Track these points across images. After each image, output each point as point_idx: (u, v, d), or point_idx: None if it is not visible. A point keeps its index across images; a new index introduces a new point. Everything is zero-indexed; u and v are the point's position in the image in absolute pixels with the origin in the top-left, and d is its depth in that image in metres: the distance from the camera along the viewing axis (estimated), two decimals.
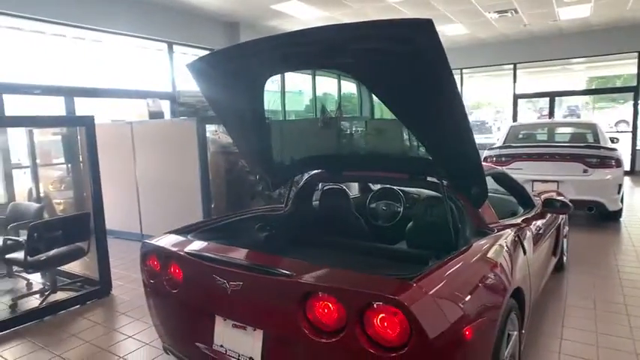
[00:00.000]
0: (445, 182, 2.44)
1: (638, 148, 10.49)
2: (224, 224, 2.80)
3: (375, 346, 1.59)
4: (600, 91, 15.88)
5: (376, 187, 4.04)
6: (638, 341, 3.01)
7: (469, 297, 1.78)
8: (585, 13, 8.44)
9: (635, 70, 10.33)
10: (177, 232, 2.55)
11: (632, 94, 10.49)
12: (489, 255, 2.13)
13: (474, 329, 1.70)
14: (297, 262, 1.92)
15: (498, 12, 8.22)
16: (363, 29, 1.78)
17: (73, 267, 4.34)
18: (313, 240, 2.91)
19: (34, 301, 3.93)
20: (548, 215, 3.47)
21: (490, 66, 12.07)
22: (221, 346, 2.03)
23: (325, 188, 3.24)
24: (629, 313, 3.45)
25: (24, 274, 4.29)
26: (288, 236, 2.92)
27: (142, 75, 7.45)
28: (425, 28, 1.61)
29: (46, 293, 3.92)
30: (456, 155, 2.14)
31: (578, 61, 12.17)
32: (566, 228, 4.45)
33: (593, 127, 6.56)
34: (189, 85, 6.07)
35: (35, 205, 4.53)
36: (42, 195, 5.38)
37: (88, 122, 3.83)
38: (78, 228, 3.90)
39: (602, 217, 6.13)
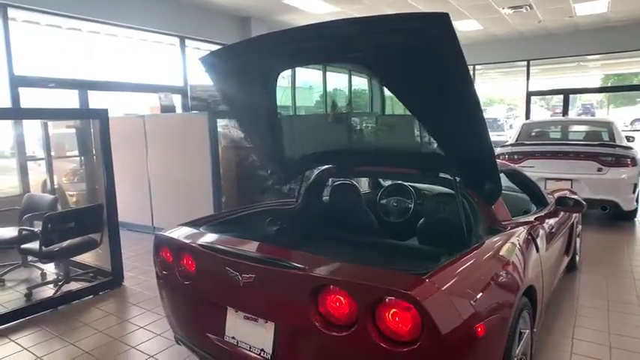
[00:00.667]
0: (458, 178, 2.43)
1: None
2: (236, 217, 2.81)
3: (387, 340, 1.59)
4: (617, 88, 15.60)
5: (387, 183, 4.03)
6: None
7: (481, 294, 1.77)
8: (602, 8, 8.28)
9: None
10: (189, 224, 2.57)
11: None
12: (502, 252, 2.11)
13: (486, 326, 1.69)
14: (309, 255, 1.93)
15: (513, 7, 8.10)
16: (379, 23, 1.77)
17: (85, 258, 4.41)
18: (324, 235, 2.91)
19: (48, 291, 4.00)
20: (561, 214, 3.42)
21: (503, 62, 11.91)
22: (232, 337, 2.04)
23: (336, 183, 3.24)
24: None
25: (38, 264, 4.38)
26: (299, 231, 2.93)
27: (155, 69, 7.51)
28: (441, 22, 1.60)
29: (60, 283, 3.98)
30: (470, 151, 2.12)
31: (593, 58, 11.96)
32: (580, 227, 4.39)
33: (608, 126, 6.45)
34: (201, 80, 6.10)
35: (49, 197, 4.60)
36: (55, 187, 5.47)
37: (102, 115, 3.87)
38: (91, 220, 3.95)
39: (616, 217, 6.04)
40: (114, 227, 4.05)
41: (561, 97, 11.35)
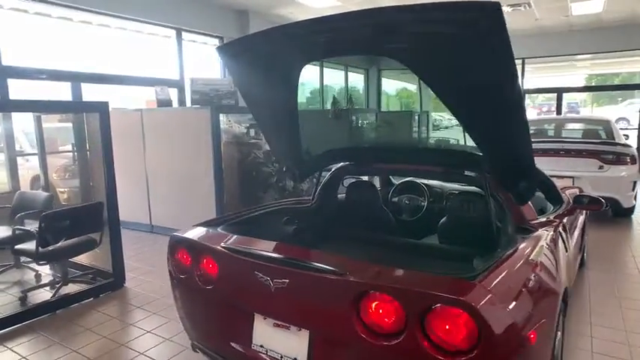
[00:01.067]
0: (489, 176, 2.35)
1: None
2: (252, 217, 2.69)
3: (438, 350, 1.49)
4: (609, 87, 15.89)
5: (398, 180, 3.94)
6: None
7: (531, 298, 1.69)
8: (598, 8, 8.34)
9: None
10: (205, 224, 2.44)
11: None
12: (543, 254, 2.04)
13: (538, 332, 1.62)
14: (349, 259, 1.82)
15: (512, 5, 8.08)
16: (424, 11, 1.66)
17: (82, 258, 4.22)
18: (348, 234, 2.82)
19: (44, 294, 3.81)
20: (577, 211, 3.39)
21: None
22: (261, 346, 1.93)
23: (354, 181, 3.15)
24: None
25: (32, 265, 4.17)
26: (320, 230, 2.82)
27: (149, 62, 7.26)
28: (492, 11, 1.50)
29: (57, 285, 3.79)
30: (510, 149, 2.03)
31: (583, 58, 12.07)
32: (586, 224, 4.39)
33: (607, 124, 6.50)
34: (203, 73, 5.95)
35: (44, 194, 4.39)
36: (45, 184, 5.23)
37: (102, 108, 3.69)
38: (91, 218, 3.77)
39: (615, 214, 6.08)
40: (115, 226, 3.88)
41: (547, 95, 11.42)
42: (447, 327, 1.48)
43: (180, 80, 7.49)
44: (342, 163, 3.11)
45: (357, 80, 12.65)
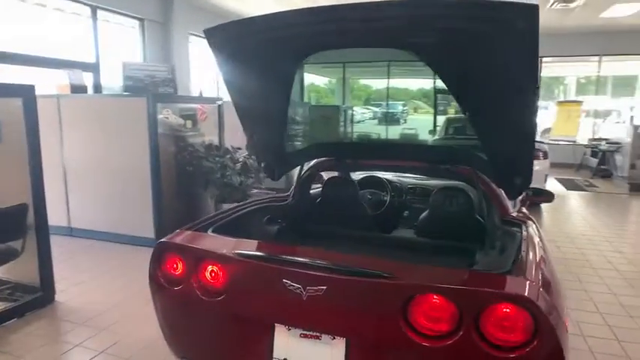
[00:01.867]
0: (479, 171, 2.41)
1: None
2: (239, 217, 2.45)
3: (494, 347, 1.49)
4: None
5: (357, 175, 3.93)
6: (606, 314, 3.38)
7: (557, 288, 1.77)
8: None
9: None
10: (192, 228, 2.16)
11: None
12: (545, 245, 2.15)
13: (569, 320, 1.71)
14: (388, 261, 1.73)
15: None
16: (460, 7, 1.62)
17: None
18: (336, 232, 2.72)
19: None
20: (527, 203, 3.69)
21: None
22: (284, 359, 1.76)
23: (332, 177, 3.05)
24: (585, 289, 3.85)
25: None
26: (317, 229, 2.70)
27: (57, 42, 6.25)
28: (529, 13, 1.52)
29: None
30: (516, 147, 2.08)
31: None
32: None
33: None
34: (137, 57, 5.25)
35: None
36: None
37: (26, 93, 3.07)
38: (11, 224, 3.15)
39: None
40: (44, 231, 3.29)
41: None
42: (504, 323, 1.48)
43: (96, 63, 6.62)
44: (321, 159, 2.99)
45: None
